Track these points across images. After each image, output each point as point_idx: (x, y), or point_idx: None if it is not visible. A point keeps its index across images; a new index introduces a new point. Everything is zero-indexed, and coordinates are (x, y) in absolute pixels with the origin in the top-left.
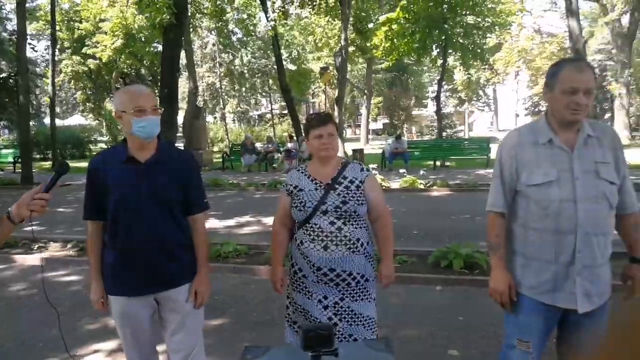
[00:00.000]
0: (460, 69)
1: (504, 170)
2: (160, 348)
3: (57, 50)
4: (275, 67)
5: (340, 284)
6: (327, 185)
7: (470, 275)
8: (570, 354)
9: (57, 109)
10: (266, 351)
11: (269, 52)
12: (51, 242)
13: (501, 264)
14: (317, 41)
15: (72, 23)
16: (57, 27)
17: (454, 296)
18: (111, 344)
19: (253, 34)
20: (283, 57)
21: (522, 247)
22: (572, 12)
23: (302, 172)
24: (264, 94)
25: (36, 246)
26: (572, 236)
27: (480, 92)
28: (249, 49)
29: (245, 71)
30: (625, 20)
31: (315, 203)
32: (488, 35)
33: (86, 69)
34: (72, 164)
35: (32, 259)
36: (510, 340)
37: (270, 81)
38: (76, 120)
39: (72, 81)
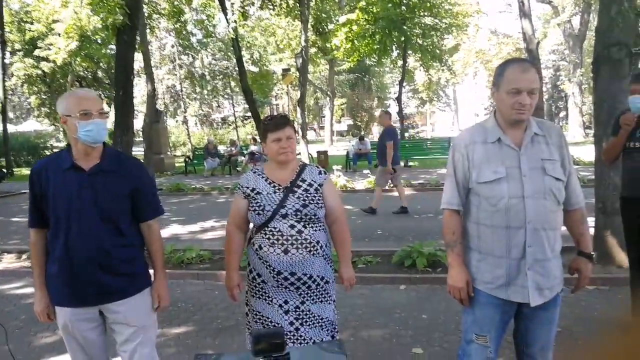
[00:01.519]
0: (420, 70)
1: (457, 169)
2: None
3: (7, 52)
4: (236, 68)
5: (300, 288)
6: (285, 189)
7: (434, 274)
8: (524, 345)
9: (10, 115)
10: (217, 358)
11: (230, 53)
12: (5, 253)
13: (458, 261)
14: (278, 42)
15: (22, 24)
16: (7, 29)
17: (418, 295)
18: (69, 358)
19: (213, 35)
20: (244, 59)
21: (476, 244)
22: (524, 13)
23: (259, 175)
24: (226, 96)
25: None
26: (522, 231)
27: (441, 93)
28: (209, 50)
29: (206, 73)
30: (576, 21)
31: (275, 206)
32: (446, 36)
33: (40, 72)
34: (28, 171)
35: None
36: (469, 335)
37: (232, 83)
38: (31, 125)
39: (25, 85)
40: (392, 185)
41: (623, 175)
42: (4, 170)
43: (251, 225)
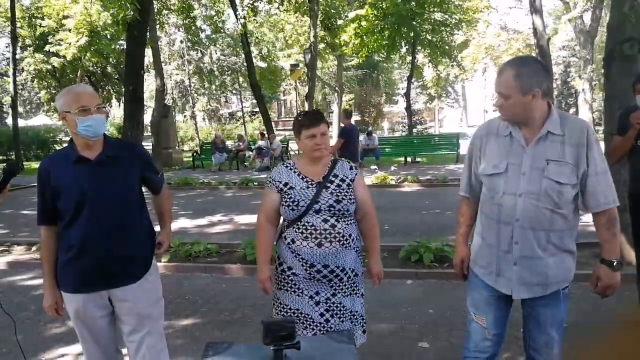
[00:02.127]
0: (429, 66)
1: (470, 158)
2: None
3: (18, 48)
4: (245, 64)
5: (333, 280)
6: (318, 184)
7: (440, 269)
8: (529, 338)
9: (20, 109)
10: (228, 347)
11: (238, 49)
12: (15, 245)
13: (460, 240)
14: (287, 38)
15: (33, 20)
16: (18, 24)
17: (425, 289)
18: (78, 348)
19: (222, 30)
20: (253, 55)
21: (479, 230)
22: (535, 9)
23: (291, 169)
24: (234, 91)
25: None
26: (510, 227)
27: (450, 89)
28: (218, 46)
29: (215, 69)
30: (588, 17)
31: (308, 202)
32: (455, 32)
33: (50, 67)
34: (37, 165)
35: None
36: (470, 315)
37: (241, 79)
38: (41, 120)
39: (36, 80)
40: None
41: (630, 172)
42: (15, 162)
43: (281, 219)
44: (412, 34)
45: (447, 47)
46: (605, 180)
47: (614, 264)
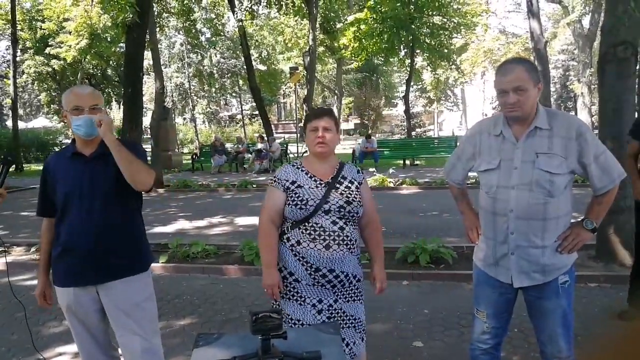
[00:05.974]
0: (428, 69)
1: (462, 151)
2: None
3: (18, 50)
4: (245, 67)
5: (336, 285)
6: (327, 184)
7: (436, 270)
8: (535, 332)
9: (20, 111)
10: (218, 337)
11: (238, 52)
12: (14, 246)
13: (466, 207)
14: (286, 41)
15: (34, 22)
16: (19, 27)
17: (420, 290)
18: (75, 347)
19: (222, 33)
20: (253, 58)
21: (480, 224)
22: (533, 13)
23: (298, 168)
24: (234, 94)
25: None
26: (505, 218)
27: (449, 92)
28: (218, 49)
29: (215, 71)
30: (586, 21)
31: (318, 201)
32: (454, 35)
33: (50, 69)
34: (37, 167)
35: None
36: (474, 308)
37: (241, 81)
38: (41, 122)
39: (36, 82)
40: None
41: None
42: (9, 154)
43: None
44: (410, 38)
45: (445, 51)
46: (605, 161)
47: (591, 225)
